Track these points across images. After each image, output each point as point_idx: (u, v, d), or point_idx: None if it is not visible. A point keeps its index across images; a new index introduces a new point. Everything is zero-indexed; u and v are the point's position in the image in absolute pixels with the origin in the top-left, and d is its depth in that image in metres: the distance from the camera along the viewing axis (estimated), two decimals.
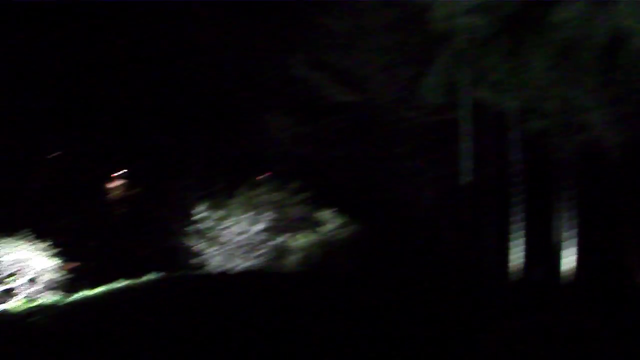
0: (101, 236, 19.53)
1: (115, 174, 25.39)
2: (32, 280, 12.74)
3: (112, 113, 24.10)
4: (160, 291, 13.32)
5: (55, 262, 13.02)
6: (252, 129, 23.98)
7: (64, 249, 13.49)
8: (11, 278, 12.47)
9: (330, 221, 17.72)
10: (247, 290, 13.29)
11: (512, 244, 18.32)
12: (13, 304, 11.92)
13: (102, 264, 16.34)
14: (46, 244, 13.10)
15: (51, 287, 12.88)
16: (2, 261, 12.37)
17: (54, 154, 25.15)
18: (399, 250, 19.54)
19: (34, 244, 12.87)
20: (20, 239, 12.80)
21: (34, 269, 12.68)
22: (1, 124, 22.07)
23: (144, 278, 14.14)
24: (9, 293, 12.35)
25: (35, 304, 11.79)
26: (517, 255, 18.26)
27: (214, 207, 17.47)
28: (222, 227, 17.32)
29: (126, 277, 14.16)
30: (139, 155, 23.87)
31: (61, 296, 12.40)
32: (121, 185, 25.43)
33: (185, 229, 17.75)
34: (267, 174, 20.65)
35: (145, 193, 22.70)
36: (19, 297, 12.40)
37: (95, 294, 12.63)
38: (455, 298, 13.55)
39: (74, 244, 14.80)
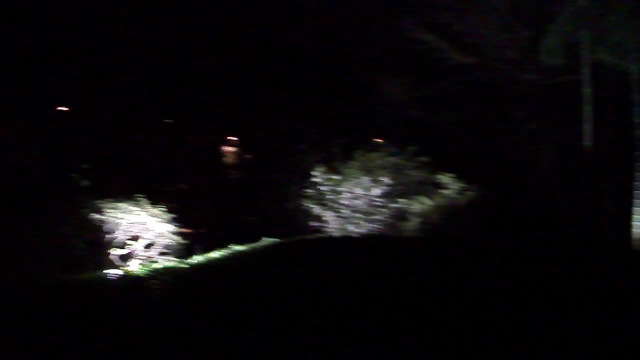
0: (216, 202, 20.22)
1: (229, 139, 25.62)
2: (148, 245, 13.51)
3: (225, 78, 24.61)
4: (278, 256, 13.64)
5: (170, 227, 13.72)
6: (367, 92, 23.95)
7: (179, 214, 14.17)
8: (130, 242, 13.28)
9: (448, 186, 17.43)
10: (367, 255, 13.27)
11: (633, 210, 17.50)
12: (132, 268, 12.77)
13: (217, 230, 16.99)
14: (162, 209, 13.81)
15: (167, 252, 13.60)
16: (121, 225, 13.20)
17: (168, 120, 25.76)
18: (517, 215, 19.13)
19: (150, 209, 13.60)
20: (137, 204, 13.56)
21: (150, 233, 13.42)
22: (116, 92, 23.14)
23: (261, 243, 14.64)
24: (128, 257, 13.18)
25: (153, 267, 12.58)
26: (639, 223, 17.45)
27: (330, 171, 17.53)
28: (338, 191, 17.37)
29: (241, 243, 14.65)
30: (253, 120, 24.35)
31: (178, 261, 13.14)
32: (235, 150, 25.59)
33: (301, 194, 17.97)
34: (382, 138, 20.54)
35: (260, 158, 23.23)
36: (137, 261, 13.21)
37: (213, 258, 13.25)
38: (577, 265, 12.97)
39: (188, 210, 15.47)
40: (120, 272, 12.49)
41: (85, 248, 13.33)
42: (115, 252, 13.05)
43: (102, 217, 13.00)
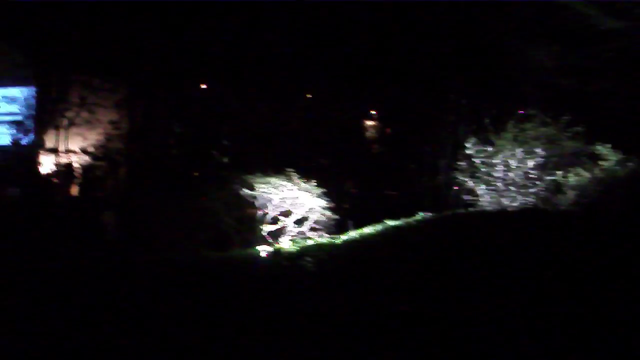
0: (363, 176, 19.46)
1: (371, 114, 25.20)
2: (300, 221, 12.86)
3: (367, 51, 23.85)
4: (436, 231, 12.62)
5: (322, 202, 12.99)
6: (516, 61, 22.52)
7: (328, 189, 13.43)
8: (281, 218, 12.67)
9: (606, 157, 15.93)
10: (523, 229, 12.06)
11: None
12: (283, 245, 12.17)
13: (366, 205, 16.20)
14: (312, 184, 13.10)
15: (318, 228, 12.89)
16: (272, 201, 12.60)
17: (310, 95, 25.64)
18: None
19: (301, 184, 12.93)
20: (288, 179, 12.92)
21: (302, 209, 12.75)
22: (258, 68, 22.92)
23: (416, 218, 13.80)
24: (278, 233, 12.59)
25: (306, 244, 11.92)
26: None
27: (482, 143, 16.46)
28: (491, 164, 16.29)
29: (393, 218, 14.06)
30: (397, 94, 23.45)
31: (330, 237, 12.42)
32: (377, 125, 25.06)
33: (453, 166, 17.05)
34: (533, 108, 19.25)
35: (406, 131, 22.23)
36: (288, 237, 12.59)
37: (367, 234, 12.44)
38: None
39: (335, 185, 14.73)
40: (271, 249, 11.93)
41: (235, 225, 12.86)
42: (266, 229, 12.48)
43: (253, 192, 12.42)
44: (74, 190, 20.36)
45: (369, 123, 24.82)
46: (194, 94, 25.96)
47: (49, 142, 24.50)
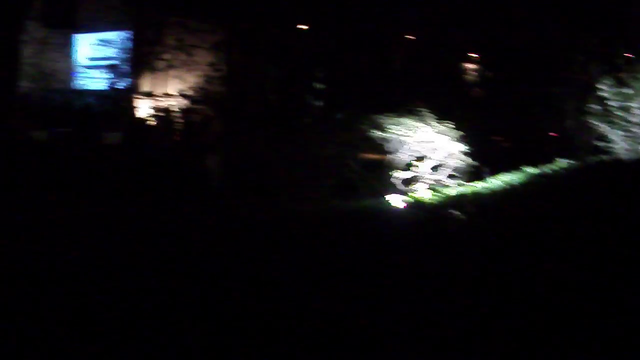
0: (488, 122, 17.70)
1: (473, 56, 23.96)
2: (436, 167, 11.28)
3: None
4: (584, 179, 11.18)
5: (461, 146, 11.34)
6: None
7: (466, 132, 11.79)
8: (417, 163, 11.11)
9: None
10: None
11: None
12: (421, 194, 10.65)
13: (497, 150, 14.49)
14: (449, 125, 11.45)
15: (455, 175, 11.29)
16: (407, 143, 11.03)
17: (410, 36, 24.53)
18: None
19: (437, 126, 11.32)
20: (421, 119, 11.32)
21: (439, 154, 11.17)
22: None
23: (557, 165, 12.13)
24: (411, 181, 11.08)
25: (447, 193, 10.41)
26: None
27: (617, 85, 14.58)
28: (628, 107, 14.42)
29: (527, 165, 12.48)
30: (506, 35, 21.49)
31: (470, 185, 10.86)
32: (479, 67, 23.74)
33: (584, 110, 15.19)
34: None
35: (525, 72, 20.18)
36: (423, 185, 11.06)
37: (511, 182, 10.86)
38: None
39: (471, 128, 13.03)
40: (406, 198, 10.46)
41: (361, 171, 11.41)
42: (398, 175, 10.97)
43: (385, 134, 10.88)
44: (174, 134, 19.37)
45: (471, 65, 23.35)
46: (294, 35, 24.76)
47: (145, 86, 23.64)
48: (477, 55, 24.02)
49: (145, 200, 13.17)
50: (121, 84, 23.36)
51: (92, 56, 25.42)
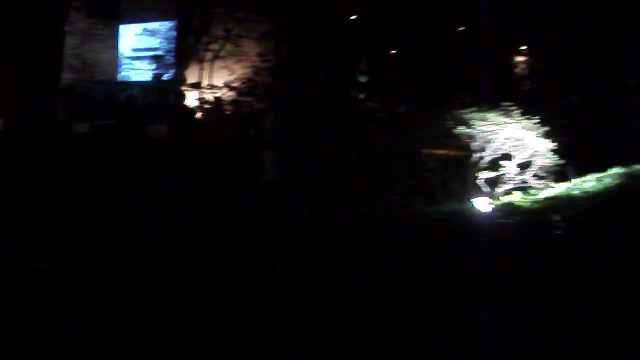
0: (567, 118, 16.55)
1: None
2: (523, 166, 10.20)
3: None
4: None
5: (547, 144, 10.24)
6: None
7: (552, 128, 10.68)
8: (503, 162, 10.04)
9: None
10: None
11: None
12: (510, 197, 9.59)
13: (579, 148, 13.35)
14: (534, 122, 10.35)
15: (543, 175, 10.20)
16: (493, 140, 9.96)
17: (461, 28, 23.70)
18: None
19: (523, 121, 10.22)
20: (507, 115, 10.24)
21: (525, 151, 10.09)
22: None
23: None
24: (496, 181, 10.02)
25: (539, 196, 9.36)
26: None
27: None
28: None
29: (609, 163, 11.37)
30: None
31: (566, 187, 9.80)
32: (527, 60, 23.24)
33: None
34: None
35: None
36: (509, 185, 10.00)
37: (609, 184, 9.79)
38: None
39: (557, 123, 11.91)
40: (493, 201, 9.43)
41: (440, 170, 10.39)
42: (483, 176, 9.93)
43: (470, 131, 9.83)
44: (224, 128, 18.51)
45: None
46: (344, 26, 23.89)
47: (191, 78, 22.87)
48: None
49: (199, 197, 12.31)
50: (166, 75, 22.60)
51: (137, 47, 24.69)
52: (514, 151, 10.01)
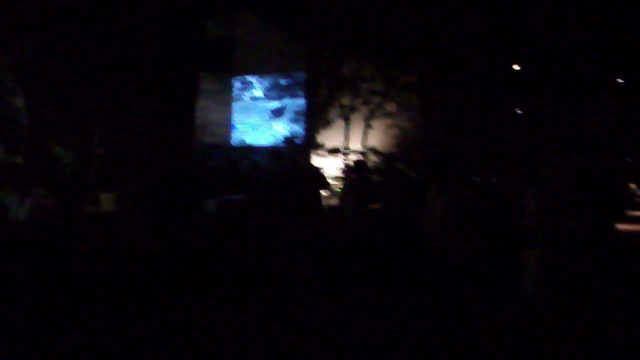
0: None
1: None
2: None
3: None
4: None
5: None
6: None
7: None
8: None
9: None
10: None
11: None
12: None
13: None
14: None
15: None
16: None
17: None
18: None
19: None
20: None
21: None
22: None
23: None
24: None
25: None
26: None
27: None
28: None
29: None
30: None
31: None
32: None
33: None
34: None
35: None
36: None
37: None
38: None
39: None
40: None
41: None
42: None
43: None
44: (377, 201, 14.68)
45: None
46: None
47: (324, 140, 19.50)
48: None
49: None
50: (296, 138, 19.15)
51: (256, 104, 21.49)
52: None
